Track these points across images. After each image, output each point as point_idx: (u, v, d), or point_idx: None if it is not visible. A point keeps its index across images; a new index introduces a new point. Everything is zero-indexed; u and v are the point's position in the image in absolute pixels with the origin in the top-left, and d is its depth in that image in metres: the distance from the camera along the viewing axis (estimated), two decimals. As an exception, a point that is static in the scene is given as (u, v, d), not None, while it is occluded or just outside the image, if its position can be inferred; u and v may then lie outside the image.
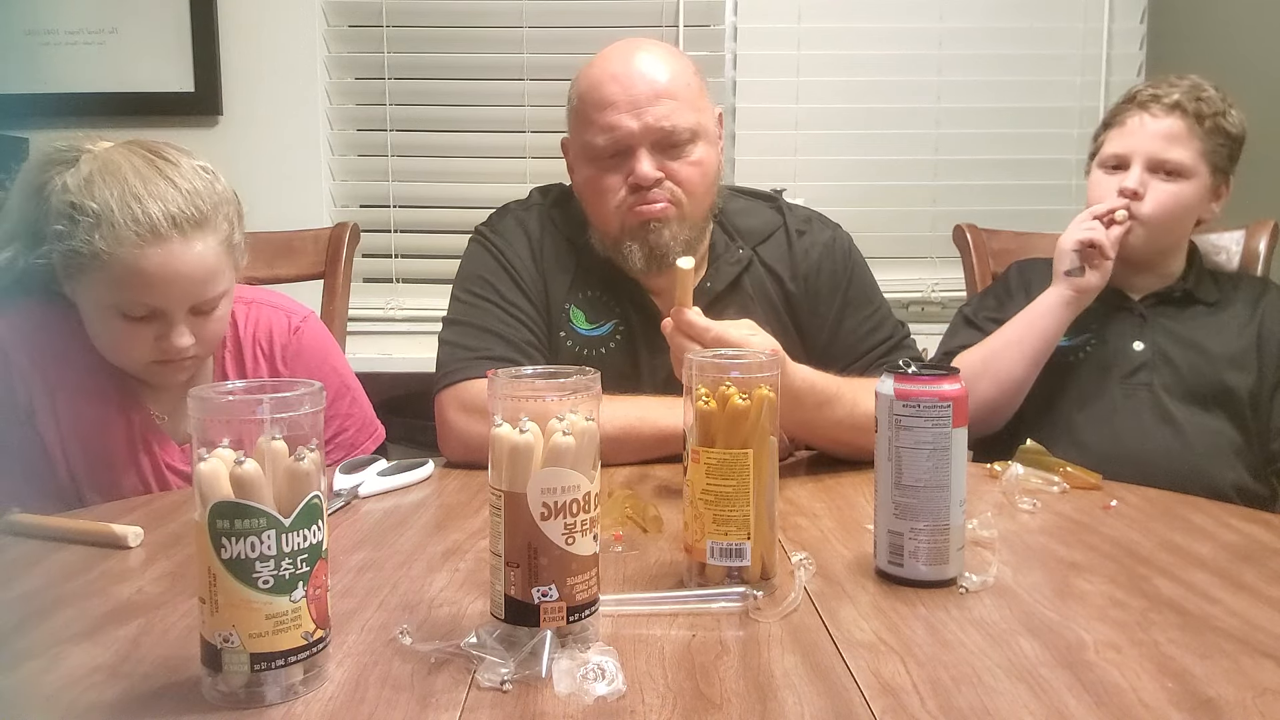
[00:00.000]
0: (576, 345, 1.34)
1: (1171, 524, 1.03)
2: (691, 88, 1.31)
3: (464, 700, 0.63)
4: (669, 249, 1.29)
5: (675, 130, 1.28)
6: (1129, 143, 1.49)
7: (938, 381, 0.83)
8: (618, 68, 1.29)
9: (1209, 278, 1.57)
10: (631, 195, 1.29)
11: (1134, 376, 1.49)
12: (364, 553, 0.93)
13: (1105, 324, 1.53)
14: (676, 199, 1.30)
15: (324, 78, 2.45)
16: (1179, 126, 1.46)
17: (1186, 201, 1.48)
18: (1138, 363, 1.49)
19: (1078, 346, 1.52)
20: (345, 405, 1.37)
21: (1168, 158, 1.46)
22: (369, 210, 2.52)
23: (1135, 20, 2.48)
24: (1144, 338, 1.51)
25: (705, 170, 1.31)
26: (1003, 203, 2.43)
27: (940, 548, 0.83)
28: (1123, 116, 1.51)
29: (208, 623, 0.63)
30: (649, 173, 1.28)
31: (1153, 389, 1.47)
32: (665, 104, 1.27)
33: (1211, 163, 1.48)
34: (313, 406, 0.65)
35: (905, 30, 2.47)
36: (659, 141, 1.28)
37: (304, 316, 1.37)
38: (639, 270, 1.32)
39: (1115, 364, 1.50)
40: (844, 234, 1.43)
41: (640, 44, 1.33)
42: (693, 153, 1.30)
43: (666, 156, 1.29)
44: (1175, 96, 1.46)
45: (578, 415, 0.69)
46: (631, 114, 1.27)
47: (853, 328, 1.36)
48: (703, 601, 0.79)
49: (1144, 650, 0.71)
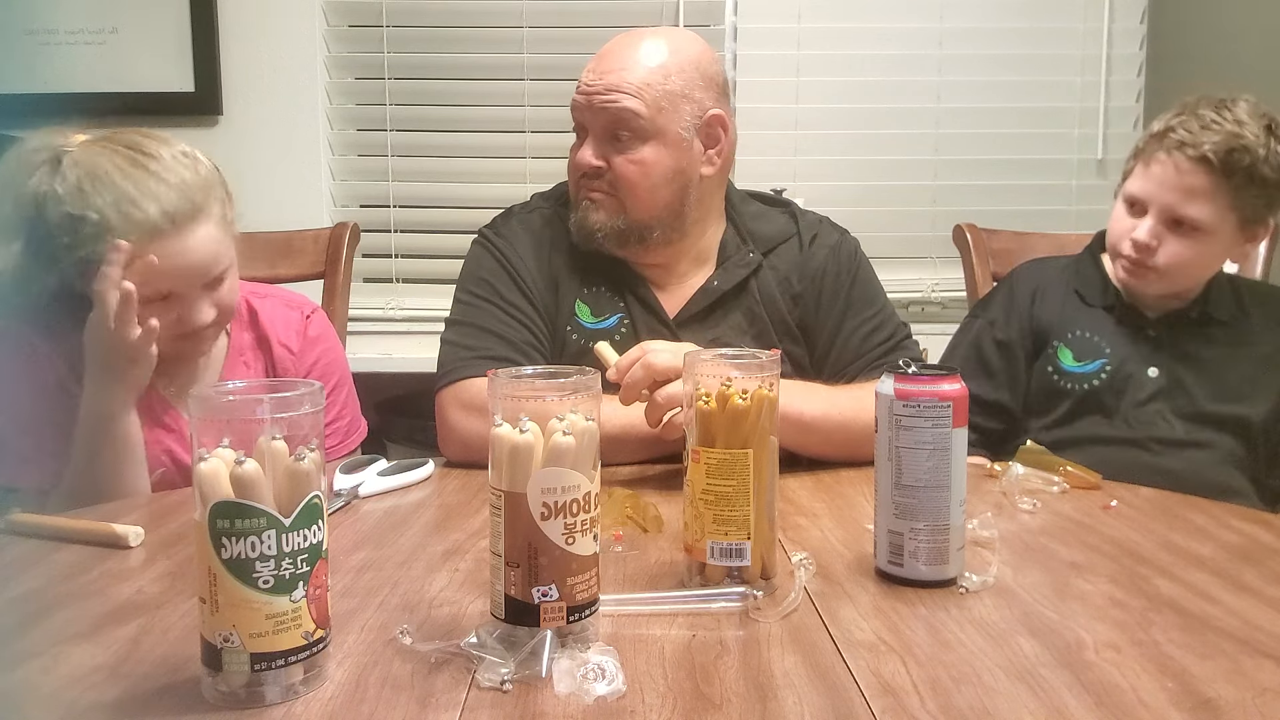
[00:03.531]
0: (582, 339, 1.34)
1: (1171, 524, 1.03)
2: (664, 87, 1.28)
3: (464, 700, 0.63)
4: (593, 233, 1.32)
5: (619, 120, 1.28)
6: (1149, 188, 1.40)
7: (938, 381, 0.83)
8: (605, 48, 1.33)
9: (1229, 292, 1.50)
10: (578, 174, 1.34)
11: (1147, 405, 1.43)
12: (364, 553, 0.93)
13: (1119, 348, 1.46)
14: (610, 191, 1.31)
15: (324, 78, 2.45)
16: (1203, 183, 1.35)
17: (1203, 258, 1.42)
18: (1152, 390, 1.43)
19: (1091, 374, 1.45)
20: (344, 395, 1.42)
21: (1184, 213, 1.37)
22: (369, 210, 2.52)
23: (1135, 20, 2.48)
24: (1158, 362, 1.44)
25: (647, 171, 1.29)
26: (1003, 203, 2.42)
27: (940, 548, 0.83)
28: (1151, 153, 1.40)
29: (208, 622, 0.63)
30: (582, 159, 1.32)
31: (1165, 417, 1.42)
32: (617, 94, 1.28)
33: (1240, 213, 1.38)
34: (313, 406, 0.65)
35: (905, 30, 2.46)
36: (607, 128, 1.30)
37: (312, 307, 1.45)
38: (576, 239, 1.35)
39: (1127, 391, 1.44)
40: (851, 238, 1.44)
41: (641, 34, 1.33)
42: (637, 150, 1.29)
43: (612, 148, 1.30)
44: (1206, 148, 1.34)
45: (578, 415, 0.69)
46: (585, 93, 1.30)
47: (854, 328, 1.36)
48: (703, 601, 0.79)
49: (1144, 650, 0.71)
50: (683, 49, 1.33)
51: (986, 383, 1.49)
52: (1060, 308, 1.51)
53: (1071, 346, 1.48)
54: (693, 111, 1.31)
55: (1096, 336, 1.47)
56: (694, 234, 1.37)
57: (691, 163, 1.33)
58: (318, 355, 1.40)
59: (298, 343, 1.38)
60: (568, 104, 1.35)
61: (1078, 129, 2.47)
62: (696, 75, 1.31)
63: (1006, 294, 1.56)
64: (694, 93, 1.31)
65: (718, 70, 1.36)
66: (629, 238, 1.33)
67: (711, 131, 1.34)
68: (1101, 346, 1.46)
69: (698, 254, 1.39)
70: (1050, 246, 1.76)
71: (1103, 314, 1.49)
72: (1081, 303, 1.51)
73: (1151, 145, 1.41)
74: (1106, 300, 1.49)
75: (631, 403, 1.11)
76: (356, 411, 1.45)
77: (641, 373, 1.09)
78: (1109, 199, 1.52)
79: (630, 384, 1.10)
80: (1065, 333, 1.49)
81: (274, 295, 1.42)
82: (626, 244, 1.33)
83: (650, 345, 1.13)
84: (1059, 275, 1.54)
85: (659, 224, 1.33)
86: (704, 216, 1.38)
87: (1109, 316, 1.49)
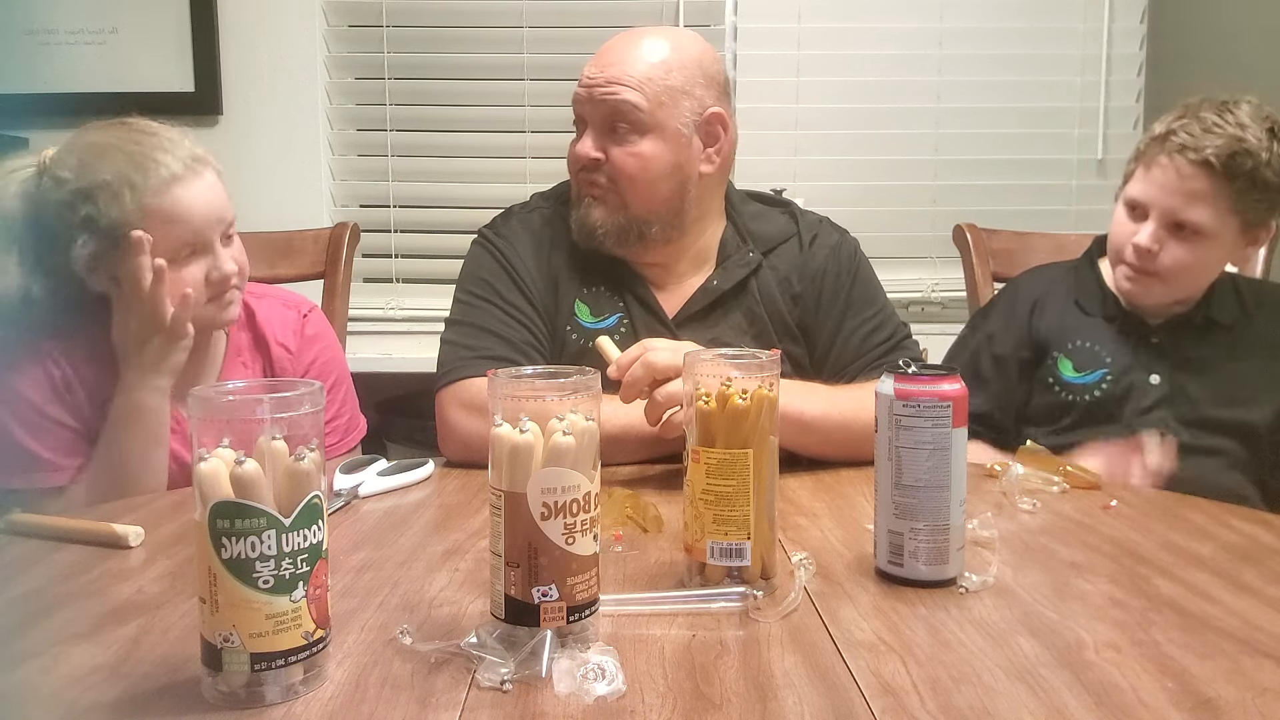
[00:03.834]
0: (581, 338, 1.34)
1: (1171, 524, 1.03)
2: (665, 82, 1.29)
3: (464, 700, 0.63)
4: (594, 231, 1.33)
5: (617, 112, 1.29)
6: (1150, 192, 1.38)
7: (938, 381, 0.83)
8: (607, 44, 1.34)
9: (1231, 294, 1.48)
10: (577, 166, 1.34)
11: (1149, 414, 1.40)
12: (364, 553, 0.93)
13: (1120, 357, 1.44)
14: (609, 185, 1.32)
15: (324, 78, 2.45)
16: (1204, 186, 1.33)
17: (1205, 262, 1.40)
18: (1154, 398, 1.41)
19: (1092, 385, 1.43)
20: (343, 392, 1.43)
21: (1186, 218, 1.35)
22: (369, 210, 2.52)
23: (1135, 20, 2.48)
24: (1160, 369, 1.42)
25: (645, 164, 1.30)
26: (1003, 203, 2.42)
27: (940, 548, 0.83)
28: (1152, 157, 1.38)
29: (208, 622, 0.63)
30: (582, 151, 1.32)
31: (1169, 424, 1.39)
32: (617, 85, 1.28)
33: (1242, 217, 1.36)
34: (312, 406, 0.65)
35: (905, 30, 2.47)
36: (606, 120, 1.30)
37: (310, 305, 1.46)
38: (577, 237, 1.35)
39: (1130, 399, 1.41)
40: (851, 238, 1.44)
41: (644, 31, 1.34)
42: (636, 143, 1.30)
43: (611, 140, 1.31)
44: (1208, 152, 1.32)
45: (578, 415, 0.69)
46: (587, 86, 1.31)
47: (854, 328, 1.36)
48: (703, 601, 0.79)
49: (1144, 650, 0.71)
50: (684, 46, 1.33)
51: (980, 394, 1.47)
52: (1060, 318, 1.49)
53: (1072, 357, 1.46)
54: (693, 108, 1.31)
55: (1097, 346, 1.45)
56: (693, 233, 1.37)
57: (690, 159, 1.33)
58: (316, 354, 1.40)
59: (295, 342, 1.39)
60: (568, 104, 1.36)
61: (1078, 129, 2.47)
62: (698, 72, 1.32)
63: (1007, 305, 1.54)
64: (695, 89, 1.31)
65: (719, 70, 1.36)
66: (629, 235, 1.33)
67: (711, 129, 1.34)
68: (1102, 356, 1.45)
69: (697, 253, 1.39)
70: (1050, 246, 1.76)
71: (1103, 323, 1.47)
72: (1081, 313, 1.49)
73: (1153, 148, 1.39)
74: (1106, 310, 1.48)
75: (632, 400, 1.11)
76: (355, 409, 1.46)
77: (641, 371, 1.09)
78: (1109, 199, 1.51)
79: (630, 382, 1.10)
80: (1065, 343, 1.47)
81: (271, 295, 1.42)
82: (626, 242, 1.34)
83: (651, 343, 1.14)
84: (1059, 284, 1.52)
85: (658, 220, 1.33)
86: (703, 215, 1.38)
87: (1110, 325, 1.47)
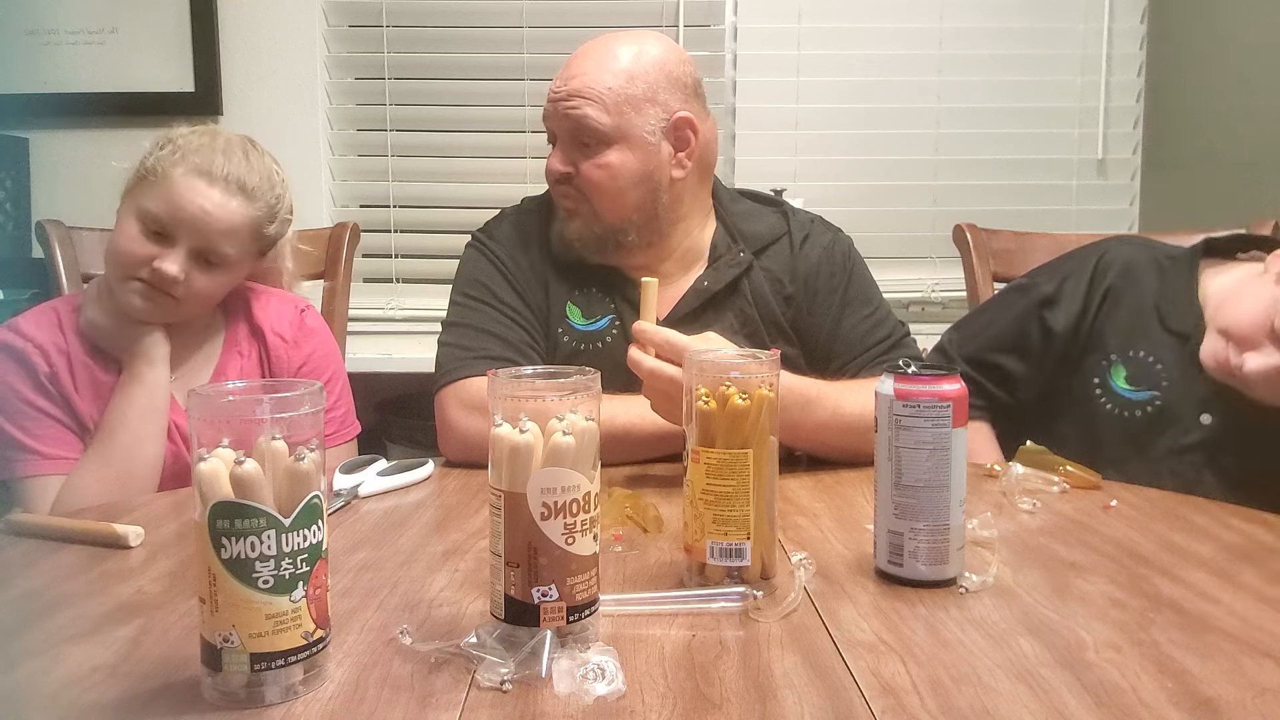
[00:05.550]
0: (573, 341, 1.34)
1: (1171, 524, 1.03)
2: (626, 91, 1.28)
3: (464, 700, 0.63)
4: (572, 243, 1.34)
5: (581, 127, 1.29)
6: None
7: (938, 381, 0.83)
8: (573, 55, 1.35)
9: None
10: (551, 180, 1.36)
11: (1188, 455, 1.26)
12: (364, 553, 0.93)
13: (1178, 384, 1.27)
14: (580, 197, 1.32)
15: (324, 78, 2.45)
16: None
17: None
18: (1197, 438, 1.25)
19: (1138, 404, 1.29)
20: (340, 386, 1.45)
21: None
22: (369, 210, 2.52)
23: (1135, 20, 2.48)
24: (1215, 409, 1.25)
25: (613, 175, 1.30)
26: (1003, 203, 2.43)
27: (940, 548, 0.83)
28: None
29: (208, 623, 0.63)
30: (550, 166, 1.34)
31: (1202, 475, 1.24)
32: (578, 99, 1.29)
33: None
34: (313, 406, 0.65)
35: (905, 30, 2.47)
36: (571, 134, 1.31)
37: (306, 303, 1.47)
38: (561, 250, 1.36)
39: (1169, 433, 1.26)
40: (844, 237, 1.43)
41: (607, 38, 1.34)
42: (603, 155, 1.30)
43: (579, 154, 1.31)
44: None
45: (578, 415, 0.69)
46: (552, 100, 1.33)
47: (851, 327, 1.36)
48: (703, 601, 0.79)
49: (1144, 650, 0.71)
50: (647, 52, 1.31)
51: (1018, 360, 1.39)
52: (1132, 319, 1.33)
53: (1129, 366, 1.32)
54: (658, 115, 1.30)
55: (1159, 365, 1.30)
56: (675, 235, 1.37)
57: (660, 166, 1.32)
58: (314, 346, 1.41)
59: (292, 333, 1.40)
60: None
61: (1078, 129, 2.47)
62: (661, 78, 1.30)
63: (1076, 281, 1.37)
64: (659, 95, 1.30)
65: (686, 72, 1.34)
66: (606, 244, 1.34)
67: (680, 134, 1.32)
68: (1159, 376, 1.29)
69: (684, 254, 1.39)
70: (1051, 246, 1.76)
71: (1173, 339, 1.30)
72: (1159, 322, 1.32)
73: None
74: (1186, 328, 1.29)
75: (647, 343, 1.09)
76: (350, 406, 1.47)
77: (662, 338, 1.08)
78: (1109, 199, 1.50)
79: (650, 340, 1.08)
80: (1126, 349, 1.32)
81: (269, 291, 1.44)
82: (604, 250, 1.34)
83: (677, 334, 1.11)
84: (1144, 279, 1.35)
85: (632, 227, 1.33)
86: (684, 217, 1.37)
87: (1181, 344, 1.29)
